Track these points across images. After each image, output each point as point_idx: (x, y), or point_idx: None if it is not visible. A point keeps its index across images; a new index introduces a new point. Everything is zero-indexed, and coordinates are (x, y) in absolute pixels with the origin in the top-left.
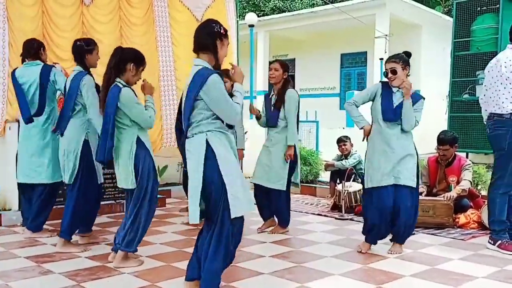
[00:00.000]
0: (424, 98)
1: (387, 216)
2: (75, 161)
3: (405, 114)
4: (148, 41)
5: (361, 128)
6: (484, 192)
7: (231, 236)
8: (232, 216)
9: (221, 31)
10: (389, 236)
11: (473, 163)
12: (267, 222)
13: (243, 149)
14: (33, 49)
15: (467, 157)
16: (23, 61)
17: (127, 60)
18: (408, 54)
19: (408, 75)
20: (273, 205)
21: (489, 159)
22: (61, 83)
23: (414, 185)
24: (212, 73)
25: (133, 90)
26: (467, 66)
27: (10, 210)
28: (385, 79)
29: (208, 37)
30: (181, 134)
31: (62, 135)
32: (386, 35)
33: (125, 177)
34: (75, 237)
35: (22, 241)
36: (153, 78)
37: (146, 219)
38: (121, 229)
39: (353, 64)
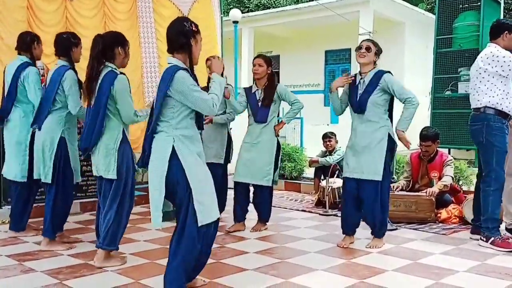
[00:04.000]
0: (389, 72)
1: (351, 204)
2: (50, 158)
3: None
4: (132, 36)
5: (331, 89)
6: (465, 188)
7: (195, 240)
8: (200, 224)
9: (193, 29)
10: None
11: (455, 158)
12: (237, 224)
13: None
14: (25, 43)
15: (449, 153)
16: (19, 54)
17: (113, 45)
18: (381, 50)
19: (375, 64)
20: (256, 201)
21: (470, 155)
22: (31, 87)
23: (379, 178)
24: (179, 69)
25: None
26: (449, 63)
27: None
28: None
29: (182, 37)
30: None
31: (39, 129)
32: (370, 32)
33: (106, 167)
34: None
35: (4, 239)
36: (136, 74)
37: (127, 214)
38: (101, 224)
39: (337, 61)
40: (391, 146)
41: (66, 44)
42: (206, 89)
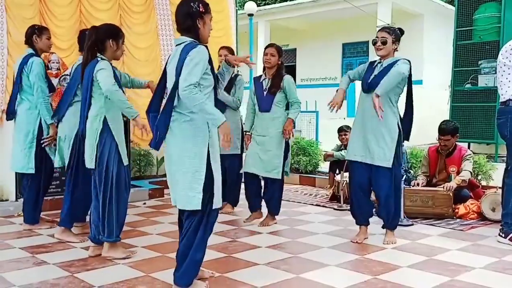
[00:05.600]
0: (407, 60)
1: (362, 191)
2: (68, 148)
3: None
4: (150, 29)
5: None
6: (484, 183)
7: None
8: (215, 207)
9: (200, 9)
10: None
11: (474, 153)
12: (254, 214)
13: None
14: (26, 36)
15: (469, 147)
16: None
17: (105, 38)
18: (402, 31)
19: (396, 50)
20: (266, 194)
21: (491, 149)
22: (33, 77)
23: (389, 165)
24: (199, 44)
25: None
26: (469, 56)
27: (7, 200)
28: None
29: (188, 18)
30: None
31: (60, 120)
32: (388, 24)
33: (89, 156)
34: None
35: (18, 231)
36: (155, 66)
37: (117, 206)
38: (95, 217)
39: (354, 53)
40: (399, 134)
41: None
42: None
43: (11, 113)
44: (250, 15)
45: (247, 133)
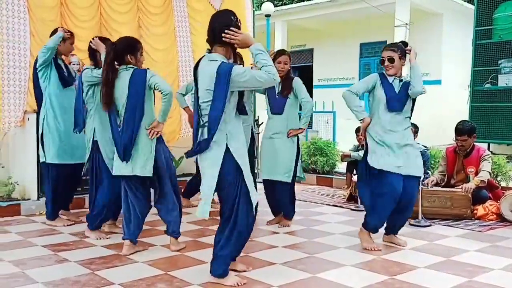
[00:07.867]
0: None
1: (394, 202)
2: (88, 149)
3: (416, 76)
4: (167, 31)
5: (361, 120)
6: (504, 183)
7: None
8: (254, 205)
9: (239, 24)
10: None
11: (494, 154)
12: (278, 217)
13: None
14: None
15: (488, 148)
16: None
17: (124, 53)
18: (405, 44)
19: (403, 65)
20: (278, 197)
21: (511, 150)
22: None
23: (422, 174)
24: (233, 65)
25: None
26: (489, 55)
27: (29, 199)
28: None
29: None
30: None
31: (80, 132)
32: (406, 23)
33: (143, 164)
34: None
35: (40, 230)
36: (172, 68)
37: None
38: (141, 222)
39: (372, 53)
40: None
41: (91, 49)
42: None
43: None
44: (267, 15)
45: None
